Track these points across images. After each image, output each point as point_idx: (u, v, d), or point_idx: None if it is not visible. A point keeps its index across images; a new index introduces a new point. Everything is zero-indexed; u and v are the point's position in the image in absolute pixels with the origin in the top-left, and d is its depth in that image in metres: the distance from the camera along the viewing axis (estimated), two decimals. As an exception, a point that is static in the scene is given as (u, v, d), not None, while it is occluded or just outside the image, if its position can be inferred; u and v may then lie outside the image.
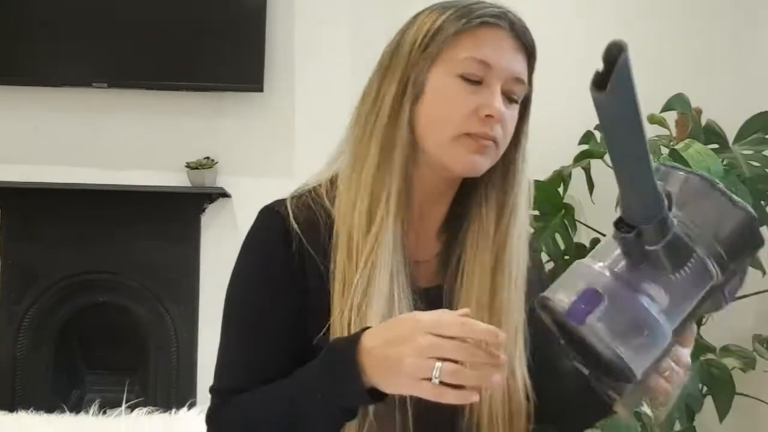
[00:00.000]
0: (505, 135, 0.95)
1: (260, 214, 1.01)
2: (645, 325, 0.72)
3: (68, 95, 3.23)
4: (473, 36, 0.93)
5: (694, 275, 0.74)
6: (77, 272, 3.20)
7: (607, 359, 0.75)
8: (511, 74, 0.94)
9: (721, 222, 0.74)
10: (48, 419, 2.29)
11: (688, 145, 2.58)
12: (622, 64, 0.66)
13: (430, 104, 0.94)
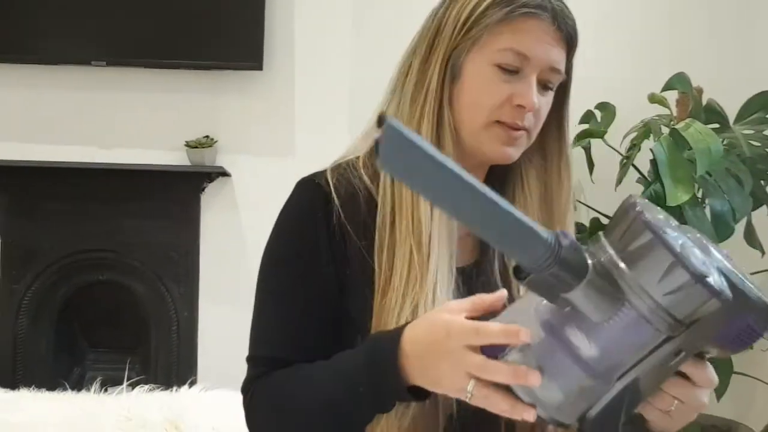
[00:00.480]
0: (537, 122, 0.95)
1: (300, 186, 1.01)
2: (558, 371, 0.69)
3: (67, 73, 3.22)
4: (514, 27, 0.93)
5: (628, 326, 0.68)
6: (77, 251, 3.20)
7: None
8: (548, 64, 0.93)
9: (665, 278, 0.67)
10: (49, 397, 2.30)
11: (688, 124, 2.57)
12: (385, 138, 0.57)
13: (465, 89, 0.94)
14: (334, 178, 0.97)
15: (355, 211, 0.95)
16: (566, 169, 1.00)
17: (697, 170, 2.46)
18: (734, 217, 2.62)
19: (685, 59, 3.04)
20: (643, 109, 2.88)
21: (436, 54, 0.96)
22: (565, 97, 1.00)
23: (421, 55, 0.97)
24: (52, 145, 3.21)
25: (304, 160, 3.22)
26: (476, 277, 0.98)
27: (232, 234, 3.25)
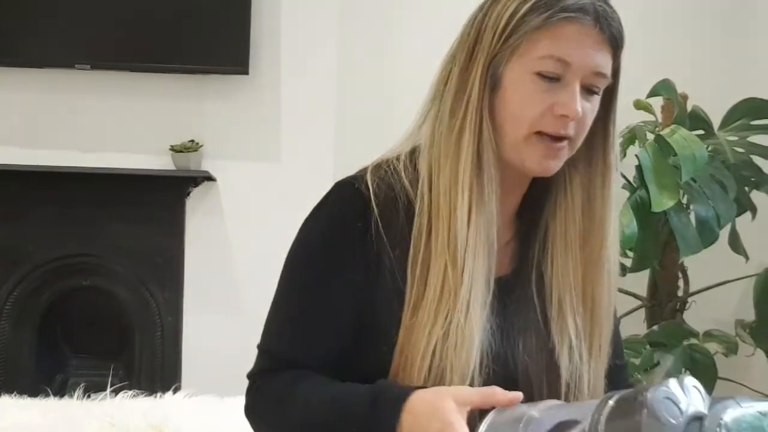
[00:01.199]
0: (581, 131, 0.93)
1: (339, 189, 0.96)
2: None
3: (51, 77, 3.19)
4: (554, 33, 0.89)
5: None
6: (60, 256, 3.18)
7: None
8: (592, 69, 0.91)
9: None
10: (31, 403, 2.27)
11: (673, 131, 2.59)
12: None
13: (506, 100, 0.91)
14: (375, 183, 0.94)
15: (392, 219, 0.93)
16: (609, 174, 0.98)
17: (682, 176, 2.47)
18: (719, 223, 2.63)
19: (670, 66, 3.05)
20: (629, 115, 2.90)
21: (475, 63, 0.92)
22: (612, 101, 0.97)
23: (460, 63, 0.93)
24: (35, 149, 3.18)
25: (290, 164, 3.22)
26: (513, 289, 0.96)
27: (217, 239, 3.23)
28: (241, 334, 3.21)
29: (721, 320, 2.94)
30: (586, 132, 0.94)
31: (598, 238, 0.96)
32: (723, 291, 2.90)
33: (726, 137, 2.81)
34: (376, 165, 0.97)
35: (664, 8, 3.30)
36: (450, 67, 0.95)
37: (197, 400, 2.24)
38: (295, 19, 3.25)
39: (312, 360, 0.93)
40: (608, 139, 0.98)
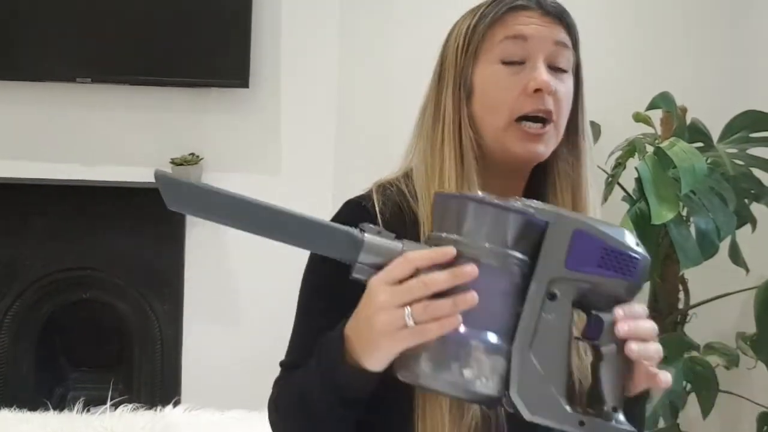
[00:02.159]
0: (560, 107, 0.95)
1: (345, 207, 1.00)
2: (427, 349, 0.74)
3: (52, 90, 3.20)
4: (504, 22, 0.96)
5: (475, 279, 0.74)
6: (60, 269, 3.17)
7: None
8: (551, 41, 0.95)
9: (491, 226, 0.76)
10: (31, 417, 2.27)
11: (672, 143, 2.59)
12: (162, 188, 0.75)
13: (480, 97, 0.96)
14: (380, 201, 0.97)
15: (399, 235, 0.93)
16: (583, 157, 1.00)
17: (682, 189, 2.48)
18: (719, 235, 2.63)
19: (669, 78, 3.06)
20: (628, 127, 2.90)
21: (445, 81, 0.98)
22: (578, 83, 1.00)
23: (434, 87, 1.00)
24: (36, 162, 3.19)
25: (289, 177, 3.22)
26: None
27: (216, 252, 3.23)
28: (241, 347, 3.21)
29: (722, 333, 2.94)
30: (565, 111, 0.97)
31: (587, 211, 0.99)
32: (724, 303, 2.89)
33: (725, 149, 2.81)
34: (380, 185, 1.00)
35: (663, 21, 3.31)
36: (427, 103, 1.01)
37: (197, 413, 2.24)
38: (296, 33, 3.26)
39: None
40: (578, 120, 1.00)
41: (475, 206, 0.76)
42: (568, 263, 0.77)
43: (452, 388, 0.75)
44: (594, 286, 0.78)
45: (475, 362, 0.74)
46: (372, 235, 0.77)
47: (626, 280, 0.79)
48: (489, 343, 0.74)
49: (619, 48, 3.27)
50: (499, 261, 0.75)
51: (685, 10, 3.31)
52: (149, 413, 2.24)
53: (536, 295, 0.76)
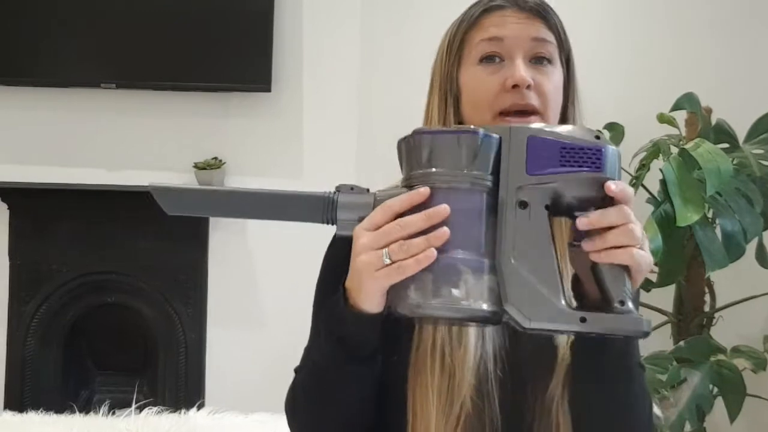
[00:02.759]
0: (546, 99, 0.96)
1: None
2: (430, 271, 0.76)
3: (77, 96, 3.24)
4: (481, 24, 0.98)
5: (440, 203, 0.77)
6: (85, 273, 3.21)
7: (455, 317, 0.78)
8: (528, 37, 0.96)
9: (449, 151, 0.79)
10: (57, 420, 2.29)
11: (697, 144, 2.56)
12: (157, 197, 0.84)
13: (466, 98, 0.98)
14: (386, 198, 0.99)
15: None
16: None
17: (707, 190, 2.45)
18: (745, 237, 2.60)
19: (693, 79, 3.03)
20: (652, 129, 2.88)
21: (432, 87, 1.02)
22: (569, 72, 1.00)
23: (427, 95, 1.04)
24: (61, 167, 3.23)
25: (311, 181, 3.23)
26: None
27: (240, 256, 3.24)
28: (264, 350, 3.22)
29: (748, 336, 2.90)
30: (553, 103, 0.97)
31: None
32: (750, 306, 2.86)
33: (751, 150, 2.77)
34: (384, 191, 1.00)
35: (688, 22, 3.28)
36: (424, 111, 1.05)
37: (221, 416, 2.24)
38: (317, 37, 3.27)
39: None
40: (568, 108, 1.00)
41: (429, 138, 0.79)
42: (528, 169, 0.78)
43: (446, 311, 0.76)
44: (562, 187, 0.78)
45: (462, 281, 0.75)
46: (345, 193, 0.82)
47: (593, 173, 0.78)
48: (471, 261, 0.76)
49: (643, 49, 3.24)
50: (466, 182, 0.77)
51: (709, 11, 3.28)
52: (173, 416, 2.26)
53: (507, 205, 0.78)
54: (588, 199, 0.79)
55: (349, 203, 0.82)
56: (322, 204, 0.82)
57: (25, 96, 3.24)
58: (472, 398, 0.92)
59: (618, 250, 0.77)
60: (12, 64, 3.19)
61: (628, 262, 0.78)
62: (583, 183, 0.78)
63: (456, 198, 0.77)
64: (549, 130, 0.79)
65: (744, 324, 2.95)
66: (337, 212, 0.81)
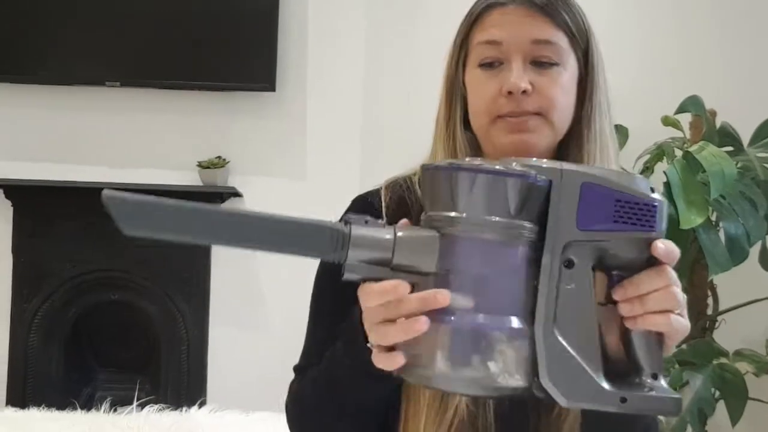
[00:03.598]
0: (548, 102, 0.92)
1: (352, 203, 1.00)
2: (461, 341, 0.66)
3: (81, 94, 3.24)
4: (481, 25, 0.95)
5: (474, 257, 0.67)
6: (88, 270, 3.21)
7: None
8: (527, 40, 0.92)
9: (490, 196, 0.67)
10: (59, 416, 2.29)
11: (702, 147, 2.56)
12: (111, 209, 0.64)
13: (469, 101, 0.97)
14: (388, 197, 0.98)
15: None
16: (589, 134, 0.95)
17: (711, 193, 2.45)
18: (749, 240, 2.60)
19: (698, 82, 3.03)
20: (657, 131, 2.88)
21: (443, 91, 0.99)
22: (587, 67, 0.95)
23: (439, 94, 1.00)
24: (65, 165, 3.23)
25: (315, 180, 3.23)
26: None
27: (243, 254, 3.24)
28: (266, 349, 3.22)
29: (751, 339, 2.90)
30: (559, 104, 0.92)
31: None
32: (753, 309, 2.85)
33: (756, 154, 2.77)
34: (392, 181, 1.01)
35: (693, 25, 3.28)
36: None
37: (222, 414, 2.25)
38: (322, 37, 3.27)
39: None
40: (585, 105, 0.95)
41: (466, 176, 0.67)
42: (580, 223, 0.69)
43: (475, 387, 0.67)
44: (612, 246, 0.70)
45: (499, 353, 0.66)
46: (359, 227, 0.67)
47: (646, 233, 0.70)
48: (510, 328, 0.66)
49: (648, 52, 3.24)
50: (505, 234, 0.67)
51: (715, 14, 3.28)
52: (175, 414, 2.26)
53: (551, 265, 0.68)
54: (634, 259, 0.71)
55: (364, 241, 0.67)
56: (329, 237, 0.67)
57: (29, 94, 3.25)
58: (467, 405, 0.90)
59: (656, 315, 0.71)
60: (17, 62, 3.19)
61: (666, 329, 0.72)
62: (634, 244, 0.71)
63: (491, 250, 0.67)
64: (602, 176, 0.70)
65: (746, 327, 2.94)
66: (348, 251, 0.67)
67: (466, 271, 0.67)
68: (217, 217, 0.66)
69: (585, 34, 0.95)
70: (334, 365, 0.88)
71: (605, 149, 0.96)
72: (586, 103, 0.96)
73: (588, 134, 0.95)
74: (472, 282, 0.67)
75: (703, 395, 2.53)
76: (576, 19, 0.94)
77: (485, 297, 0.66)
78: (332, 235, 0.67)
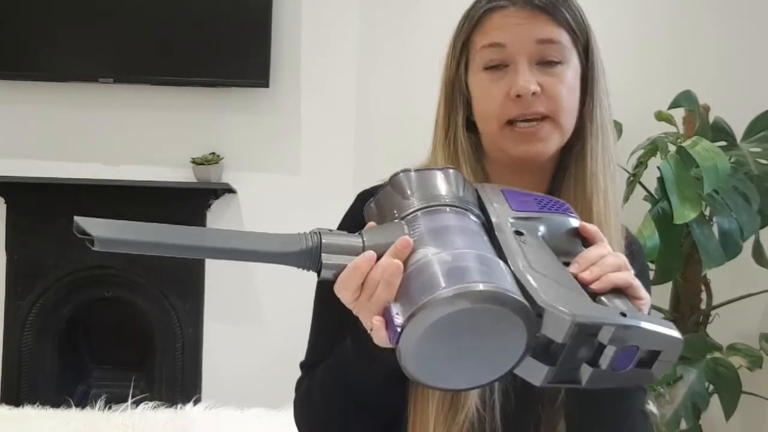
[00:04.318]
0: (556, 103, 0.91)
1: (357, 199, 0.99)
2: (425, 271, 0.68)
3: (74, 90, 3.23)
4: (482, 27, 0.94)
5: (440, 219, 0.74)
6: (82, 267, 3.20)
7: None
8: (531, 40, 0.91)
9: (437, 184, 0.78)
10: (53, 414, 2.29)
11: (695, 142, 2.57)
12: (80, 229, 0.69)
13: (474, 105, 0.96)
14: None
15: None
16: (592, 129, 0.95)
17: (705, 188, 2.45)
18: (742, 235, 2.60)
19: (691, 77, 3.04)
20: (650, 126, 2.88)
21: (443, 94, 0.98)
22: (588, 66, 0.95)
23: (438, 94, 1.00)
24: (59, 162, 3.22)
25: (310, 176, 3.23)
26: None
27: (237, 251, 3.24)
28: (261, 345, 3.23)
29: (745, 333, 2.91)
30: (565, 104, 0.92)
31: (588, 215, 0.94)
32: (747, 304, 2.86)
33: (749, 148, 2.78)
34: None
35: (687, 20, 3.28)
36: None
37: (217, 411, 2.24)
38: (316, 33, 3.27)
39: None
40: (585, 107, 0.95)
41: (413, 174, 0.78)
42: (512, 208, 0.79)
43: (473, 299, 0.65)
44: (546, 223, 0.79)
45: (477, 268, 0.67)
46: (329, 236, 0.73)
47: (571, 217, 0.81)
48: (483, 254, 0.70)
49: (641, 47, 3.24)
50: (457, 202, 0.76)
51: (708, 9, 3.28)
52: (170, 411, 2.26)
53: (505, 229, 0.76)
54: (569, 243, 0.79)
55: (334, 246, 0.73)
56: (302, 245, 0.72)
57: (22, 90, 3.24)
58: (478, 409, 0.90)
59: (615, 273, 0.75)
60: (9, 58, 3.18)
61: (629, 282, 0.76)
62: (563, 225, 0.80)
63: (455, 216, 0.74)
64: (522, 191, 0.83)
65: (740, 322, 2.95)
66: (321, 256, 0.73)
67: (432, 228, 0.72)
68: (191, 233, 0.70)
69: (585, 30, 0.96)
70: (343, 364, 0.88)
71: (606, 144, 0.97)
72: (588, 98, 0.96)
73: (591, 128, 0.96)
74: (440, 232, 0.72)
75: (696, 389, 2.54)
76: (576, 16, 0.94)
77: (455, 238, 0.71)
78: (304, 242, 0.73)
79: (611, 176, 0.96)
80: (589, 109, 0.96)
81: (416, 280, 0.68)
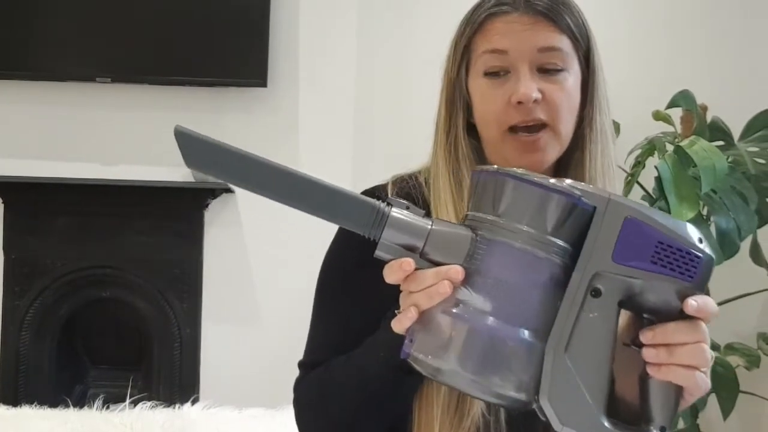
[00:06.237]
0: (556, 110, 0.91)
1: None
2: (467, 338, 0.66)
3: (72, 90, 3.23)
4: (484, 32, 0.93)
5: (504, 261, 0.67)
6: (80, 267, 3.20)
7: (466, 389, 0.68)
8: (532, 47, 0.91)
9: (532, 207, 0.68)
10: (51, 414, 2.29)
11: (693, 141, 2.57)
12: (181, 144, 0.71)
13: (475, 110, 0.95)
14: (394, 192, 0.97)
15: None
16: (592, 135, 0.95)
17: (702, 188, 2.46)
18: (740, 234, 2.61)
19: (689, 77, 3.04)
20: (648, 126, 2.88)
21: (443, 96, 0.98)
22: (588, 73, 0.95)
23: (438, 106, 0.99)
24: (57, 161, 3.22)
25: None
26: None
27: (235, 250, 3.24)
28: (259, 345, 3.22)
29: (742, 333, 2.91)
30: (565, 113, 0.92)
31: None
32: (744, 303, 2.87)
33: (746, 148, 2.78)
34: (399, 177, 1.00)
35: (684, 19, 3.28)
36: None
37: (215, 411, 2.25)
38: (314, 32, 3.27)
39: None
40: (585, 115, 0.95)
41: (514, 184, 0.68)
42: (615, 256, 0.67)
43: (479, 390, 0.67)
44: (644, 286, 0.68)
45: (507, 362, 0.66)
46: (399, 210, 0.69)
47: (682, 282, 0.69)
48: (521, 339, 0.66)
49: (638, 46, 3.25)
50: (538, 247, 0.67)
51: (705, 8, 3.28)
52: (168, 411, 2.26)
53: (577, 289, 0.67)
54: (665, 305, 0.69)
55: (400, 223, 0.69)
56: (369, 213, 0.69)
57: (19, 89, 3.23)
58: (483, 414, 0.89)
59: (682, 368, 0.69)
60: (7, 57, 3.17)
61: (690, 385, 0.70)
62: (667, 289, 0.69)
63: (521, 261, 0.67)
64: (652, 216, 0.69)
65: (738, 321, 2.96)
66: (383, 230, 0.69)
67: (490, 274, 0.67)
68: (273, 172, 0.73)
69: (586, 35, 0.95)
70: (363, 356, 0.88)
71: (606, 150, 0.97)
72: (588, 104, 0.96)
73: (591, 135, 0.96)
74: (495, 285, 0.67)
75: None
76: (578, 21, 0.94)
77: (504, 303, 0.66)
78: (372, 212, 0.69)
79: (610, 180, 0.96)
80: (589, 115, 0.96)
81: (445, 330, 0.67)
